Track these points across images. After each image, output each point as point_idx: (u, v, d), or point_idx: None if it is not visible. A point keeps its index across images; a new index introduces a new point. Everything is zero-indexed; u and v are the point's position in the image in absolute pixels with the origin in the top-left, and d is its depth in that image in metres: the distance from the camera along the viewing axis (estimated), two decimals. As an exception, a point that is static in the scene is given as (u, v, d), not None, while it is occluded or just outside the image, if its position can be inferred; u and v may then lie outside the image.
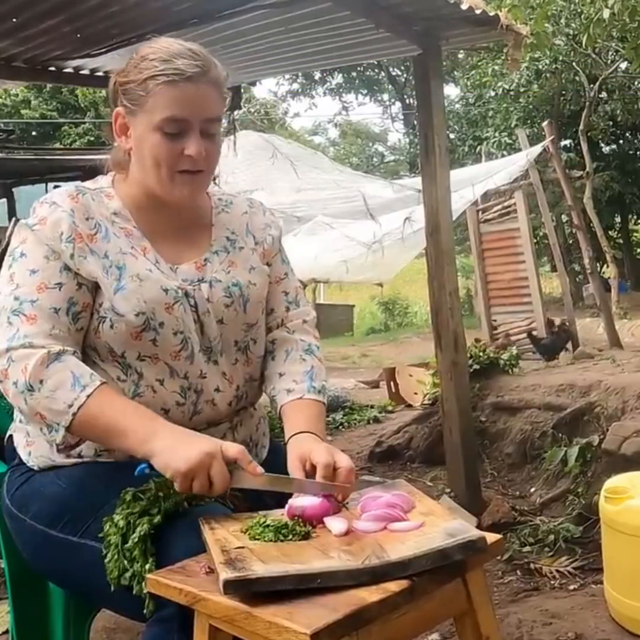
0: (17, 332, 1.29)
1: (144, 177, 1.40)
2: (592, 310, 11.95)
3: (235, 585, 1.02)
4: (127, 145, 1.41)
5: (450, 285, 3.57)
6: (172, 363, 1.38)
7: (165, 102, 1.33)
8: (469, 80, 16.74)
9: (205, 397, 1.41)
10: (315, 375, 1.49)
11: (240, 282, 1.46)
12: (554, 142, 7.85)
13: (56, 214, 1.36)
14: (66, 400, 1.25)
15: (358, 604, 1.00)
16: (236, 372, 1.46)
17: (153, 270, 1.38)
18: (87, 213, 1.38)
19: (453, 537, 1.11)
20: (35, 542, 1.39)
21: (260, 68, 4.06)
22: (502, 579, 2.79)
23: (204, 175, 1.41)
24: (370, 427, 5.75)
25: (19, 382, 1.26)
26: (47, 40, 3.49)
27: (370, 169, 26.57)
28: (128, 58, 1.40)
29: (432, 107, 3.52)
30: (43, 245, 1.35)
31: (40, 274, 1.33)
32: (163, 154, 1.35)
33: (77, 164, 5.70)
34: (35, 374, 1.25)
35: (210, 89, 1.36)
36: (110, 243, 1.38)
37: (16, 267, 1.35)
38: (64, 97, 19.27)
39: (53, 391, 1.25)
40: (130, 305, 1.34)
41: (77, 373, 1.27)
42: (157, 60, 1.33)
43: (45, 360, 1.26)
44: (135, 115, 1.37)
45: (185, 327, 1.38)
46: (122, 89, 1.38)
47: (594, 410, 3.64)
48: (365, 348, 13.85)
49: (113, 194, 1.44)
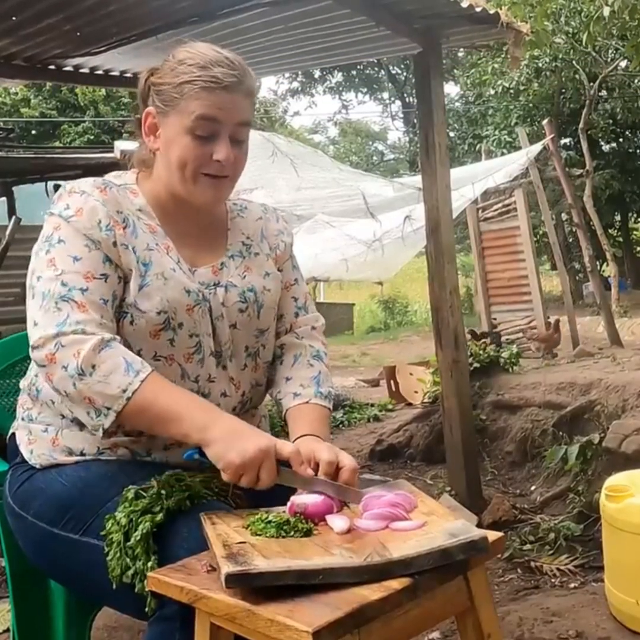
0: (68, 317, 1.28)
1: (168, 177, 1.40)
2: (592, 309, 11.96)
3: (237, 580, 1.02)
4: (155, 145, 1.41)
5: (450, 283, 3.57)
6: (185, 365, 1.39)
7: (199, 103, 1.34)
8: (468, 79, 16.73)
9: (211, 401, 1.41)
10: (322, 381, 1.50)
11: (255, 288, 1.47)
12: (554, 141, 7.85)
13: (90, 202, 1.36)
14: (120, 385, 1.25)
15: (360, 602, 0.99)
16: (243, 378, 1.47)
17: (176, 270, 1.39)
18: (116, 206, 1.38)
19: (455, 537, 1.11)
20: (37, 540, 1.39)
21: (260, 66, 4.05)
22: (502, 577, 2.79)
23: (229, 181, 1.42)
24: (370, 425, 5.75)
25: (70, 366, 1.25)
26: (46, 38, 3.49)
27: (370, 167, 26.57)
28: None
29: (432, 105, 3.52)
30: (81, 235, 1.34)
31: (84, 262, 1.32)
32: (191, 156, 1.36)
33: (77, 162, 5.69)
34: (88, 358, 1.25)
35: (243, 97, 1.38)
36: (138, 239, 1.38)
37: (55, 252, 1.33)
38: (63, 95, 19.26)
39: (106, 376, 1.25)
40: (153, 303, 1.34)
41: (129, 359, 1.28)
42: (195, 66, 1.34)
43: (98, 346, 1.26)
44: (167, 116, 1.37)
45: (200, 330, 1.39)
46: (155, 89, 1.39)
47: (595, 408, 3.64)
48: (365, 347, 13.85)
49: (137, 191, 1.44)
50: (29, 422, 1.45)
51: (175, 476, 1.30)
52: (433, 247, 3.62)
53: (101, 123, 19.09)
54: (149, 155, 1.44)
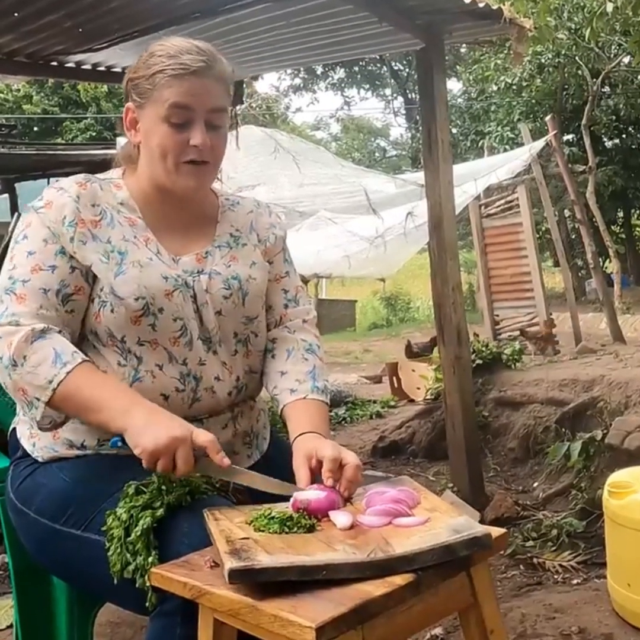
0: (6, 310, 1.32)
1: (151, 169, 1.43)
2: (594, 305, 11.95)
3: (241, 575, 1.02)
4: (136, 138, 1.44)
5: (453, 279, 3.56)
6: (171, 349, 1.40)
7: (170, 91, 1.37)
8: (471, 75, 16.70)
9: (204, 384, 1.42)
10: (318, 375, 1.50)
11: (239, 276, 1.47)
12: (556, 137, 7.84)
13: (62, 198, 1.39)
14: (47, 376, 1.27)
15: (363, 598, 1.00)
16: (235, 363, 1.47)
17: (154, 259, 1.41)
18: (93, 200, 1.41)
19: (458, 533, 1.11)
20: (39, 535, 1.39)
21: (262, 62, 4.05)
22: (505, 574, 2.79)
23: (210, 166, 1.44)
24: (372, 422, 5.75)
25: (4, 357, 1.29)
26: (48, 35, 3.48)
27: (372, 163, 26.52)
28: (134, 53, 1.43)
29: (435, 101, 3.51)
30: (44, 228, 1.38)
31: (36, 256, 1.37)
32: (170, 144, 1.39)
33: (80, 159, 5.69)
34: (19, 349, 1.28)
35: (214, 82, 1.40)
36: (114, 230, 1.41)
37: (17, 249, 1.39)
38: (65, 92, 19.27)
39: (35, 367, 1.28)
40: (130, 290, 1.36)
41: (59, 350, 1.30)
42: (165, 56, 1.38)
43: (30, 337, 1.29)
44: (143, 108, 1.41)
45: (184, 314, 1.40)
46: (132, 84, 1.43)
47: (597, 405, 3.63)
48: (368, 343, 13.84)
49: (122, 185, 1.47)
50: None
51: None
52: (436, 243, 3.61)
53: (103, 120, 19.10)
54: (133, 151, 1.47)
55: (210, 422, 1.42)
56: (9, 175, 6.16)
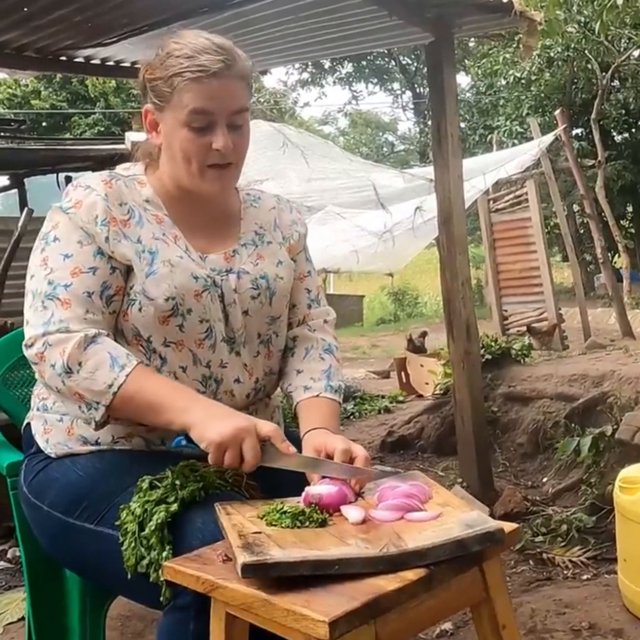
0: (52, 316, 1.31)
1: (175, 171, 1.42)
2: (603, 301, 11.90)
3: (253, 569, 1.02)
4: (158, 140, 1.43)
5: (462, 274, 3.55)
6: (196, 350, 1.39)
7: (190, 97, 1.34)
8: (479, 69, 16.62)
9: (224, 387, 1.42)
10: (333, 375, 1.51)
11: (267, 275, 1.47)
12: (566, 131, 7.80)
13: (91, 197, 1.38)
14: (106, 381, 1.27)
15: (376, 593, 1.00)
16: (257, 365, 1.48)
17: (184, 257, 1.40)
18: (120, 198, 1.40)
19: (471, 528, 1.11)
20: (52, 529, 1.40)
21: (270, 57, 4.03)
22: (514, 569, 2.78)
23: (234, 167, 1.42)
24: (381, 417, 5.74)
25: (57, 365, 1.28)
26: (57, 30, 3.48)
27: (380, 158, 26.47)
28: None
29: (445, 94, 3.49)
30: (77, 229, 1.36)
31: (74, 259, 1.35)
32: (192, 149, 1.37)
33: (88, 154, 5.68)
34: (73, 356, 1.28)
35: (235, 82, 1.37)
36: (143, 228, 1.39)
37: (49, 251, 1.36)
38: (73, 87, 19.28)
39: (92, 372, 1.28)
40: (160, 290, 1.35)
41: (114, 354, 1.30)
42: (182, 57, 1.35)
43: (83, 343, 1.29)
44: (163, 111, 1.39)
45: (211, 315, 1.40)
46: (150, 86, 1.40)
47: (607, 400, 3.61)
48: (375, 338, 13.83)
49: (145, 182, 1.46)
50: (44, 411, 1.46)
51: (189, 466, 1.30)
52: (445, 238, 3.59)
53: (111, 115, 19.11)
54: (154, 149, 1.46)
55: None
56: (18, 171, 6.16)
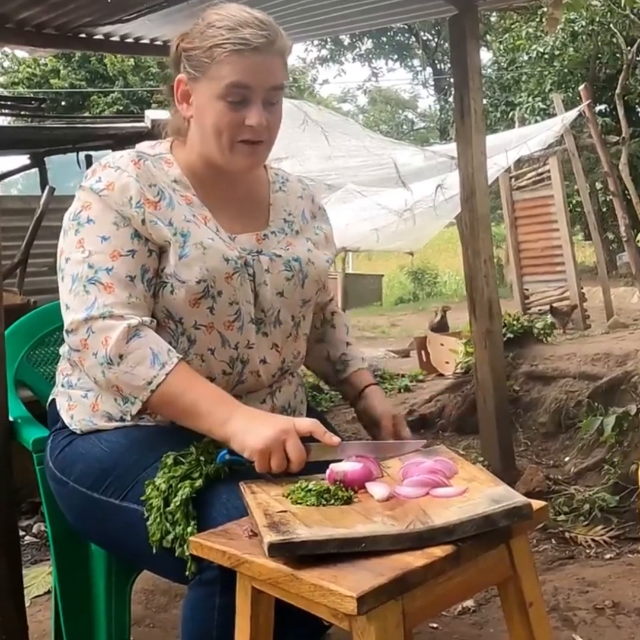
0: (95, 301, 1.29)
1: (203, 145, 1.39)
2: (626, 279, 11.75)
3: (280, 549, 1.02)
4: (189, 112, 1.40)
5: (485, 252, 3.51)
6: (224, 332, 1.38)
7: (230, 69, 1.32)
8: (501, 44, 16.34)
9: (250, 367, 1.42)
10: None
11: (300, 258, 1.47)
12: (590, 107, 7.66)
13: (123, 178, 1.35)
14: (145, 377, 1.26)
15: (403, 569, 0.99)
16: (287, 345, 1.48)
17: (215, 239, 1.38)
18: (149, 179, 1.37)
19: (498, 503, 1.10)
20: (78, 504, 1.41)
21: (289, 32, 3.97)
22: (537, 548, 2.77)
23: (264, 145, 1.40)
24: (401, 395, 5.73)
25: (99, 354, 1.27)
26: (77, 6, 3.45)
27: (400, 136, 26.23)
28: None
29: (468, 69, 3.42)
30: (112, 211, 1.34)
31: (112, 241, 1.33)
32: (225, 123, 1.35)
33: (108, 132, 5.67)
34: (116, 348, 1.26)
35: (275, 58, 1.36)
36: (174, 210, 1.37)
37: (84, 233, 1.34)
38: (92, 66, 19.24)
39: (133, 367, 1.27)
40: (192, 273, 1.33)
41: (156, 349, 1.28)
42: (224, 28, 1.32)
43: (126, 335, 1.27)
44: (198, 81, 1.36)
45: (240, 297, 1.38)
46: (185, 55, 1.37)
47: (631, 379, 3.58)
48: (395, 317, 13.79)
49: (172, 161, 1.43)
50: (69, 388, 1.47)
51: (214, 442, 1.30)
52: (467, 215, 3.55)
53: (130, 93, 19.06)
54: (183, 123, 1.43)
55: (249, 398, 1.42)
56: (39, 149, 6.17)
